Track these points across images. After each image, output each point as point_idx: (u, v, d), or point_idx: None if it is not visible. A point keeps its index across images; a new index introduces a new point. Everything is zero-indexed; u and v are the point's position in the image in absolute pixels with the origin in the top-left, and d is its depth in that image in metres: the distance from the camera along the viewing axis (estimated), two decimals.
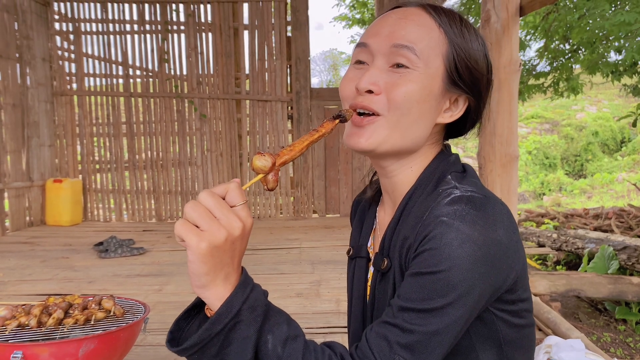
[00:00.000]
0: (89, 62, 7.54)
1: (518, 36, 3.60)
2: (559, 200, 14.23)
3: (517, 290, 0.82)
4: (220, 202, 0.70)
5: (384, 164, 0.92)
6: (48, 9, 7.29)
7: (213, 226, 0.68)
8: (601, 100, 21.60)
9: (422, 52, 0.84)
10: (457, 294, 0.73)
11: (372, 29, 0.89)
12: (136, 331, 1.78)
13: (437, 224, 0.75)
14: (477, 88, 0.89)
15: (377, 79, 0.85)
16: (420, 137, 0.88)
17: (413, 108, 0.84)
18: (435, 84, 0.85)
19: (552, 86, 8.32)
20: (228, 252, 0.70)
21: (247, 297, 0.73)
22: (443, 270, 0.73)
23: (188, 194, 7.58)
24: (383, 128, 0.85)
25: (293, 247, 5.24)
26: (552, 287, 4.06)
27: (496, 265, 0.75)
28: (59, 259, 4.86)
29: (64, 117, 7.49)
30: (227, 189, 0.72)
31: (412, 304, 0.74)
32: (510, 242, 0.78)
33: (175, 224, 0.69)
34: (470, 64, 0.87)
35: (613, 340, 4.11)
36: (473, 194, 0.79)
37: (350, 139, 0.87)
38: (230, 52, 7.45)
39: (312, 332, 2.89)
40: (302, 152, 0.79)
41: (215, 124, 7.52)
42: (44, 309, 1.75)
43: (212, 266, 0.69)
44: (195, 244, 0.67)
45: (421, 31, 0.85)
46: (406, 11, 0.88)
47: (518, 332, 0.85)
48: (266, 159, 0.74)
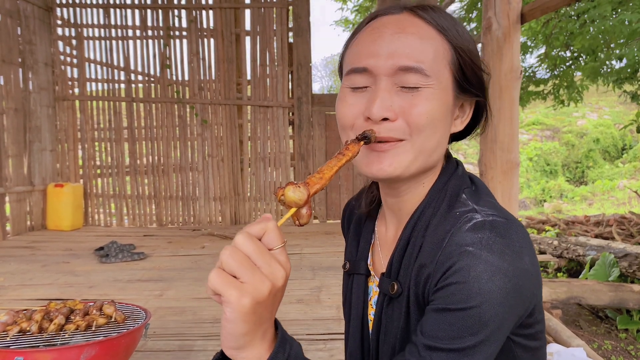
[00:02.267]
0: (91, 67, 7.57)
1: (519, 43, 3.62)
2: (559, 207, 14.22)
3: (535, 313, 0.79)
4: (260, 248, 0.62)
5: (397, 185, 0.85)
6: (51, 14, 7.32)
7: (256, 277, 0.60)
8: (602, 107, 21.62)
9: (431, 69, 0.77)
10: (490, 330, 0.68)
11: (366, 48, 0.79)
12: (137, 337, 1.78)
13: (461, 253, 0.70)
14: (483, 87, 0.84)
15: (389, 103, 0.77)
16: (442, 153, 0.83)
17: (436, 127, 0.78)
18: (449, 96, 0.80)
19: (552, 93, 8.34)
20: (269, 306, 0.63)
21: (287, 356, 0.66)
22: (474, 306, 0.67)
23: (189, 199, 7.58)
24: (408, 152, 0.78)
25: (293, 253, 5.24)
26: (553, 295, 4.06)
27: (523, 295, 0.71)
28: (60, 263, 4.85)
29: (65, 122, 7.51)
30: (264, 228, 0.63)
31: (441, 343, 0.68)
32: (534, 268, 0.73)
33: (210, 275, 0.60)
34: (475, 65, 0.81)
35: (614, 348, 4.10)
36: (495, 218, 0.74)
37: (372, 166, 0.79)
38: (231, 57, 7.47)
39: (313, 338, 2.88)
40: (331, 179, 0.71)
41: (217, 129, 7.54)
42: (45, 315, 1.75)
43: (253, 325, 0.61)
44: (236, 299, 0.58)
45: (424, 45, 0.77)
46: (399, 21, 0.79)
47: (533, 355, 0.81)
48: (302, 191, 0.65)
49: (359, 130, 0.79)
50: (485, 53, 3.69)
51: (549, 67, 8.24)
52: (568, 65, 8.05)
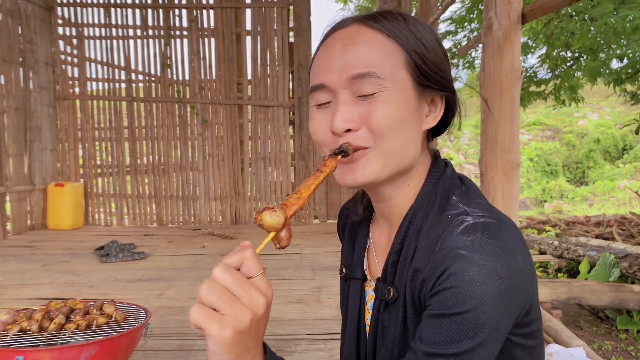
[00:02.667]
0: (92, 66, 7.57)
1: (520, 44, 3.62)
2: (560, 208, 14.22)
3: (532, 312, 0.79)
4: (239, 278, 0.62)
5: (379, 190, 0.86)
6: (52, 13, 7.33)
7: (236, 309, 0.60)
8: (603, 107, 21.61)
9: (383, 71, 0.78)
10: (486, 332, 0.68)
11: (321, 65, 0.82)
12: (137, 336, 1.78)
13: (454, 257, 0.70)
14: (446, 81, 0.84)
15: (350, 114, 0.79)
16: (415, 152, 0.83)
17: (399, 129, 0.79)
18: (408, 94, 0.80)
19: (553, 93, 8.34)
20: (253, 333, 0.63)
21: None
22: (469, 310, 0.68)
23: (189, 199, 7.58)
24: (376, 158, 0.80)
25: (294, 253, 5.24)
26: (554, 295, 4.05)
27: (518, 295, 0.72)
28: (60, 263, 4.86)
29: (66, 121, 7.51)
30: (242, 258, 0.64)
31: (440, 348, 0.69)
32: (528, 268, 0.74)
33: (191, 311, 0.61)
34: (432, 62, 0.82)
35: (614, 349, 4.10)
36: (486, 219, 0.75)
37: (345, 176, 0.81)
38: (232, 57, 7.47)
39: (313, 338, 2.88)
40: (310, 197, 0.72)
41: (217, 129, 7.54)
42: (46, 314, 1.75)
43: (238, 354, 0.62)
44: (217, 332, 0.59)
45: (374, 51, 0.79)
46: (348, 35, 0.81)
47: (531, 353, 0.82)
48: (278, 215, 0.65)
49: (330, 145, 0.81)
50: (486, 53, 3.69)
51: (550, 68, 8.24)
52: (569, 65, 8.05)
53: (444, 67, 0.84)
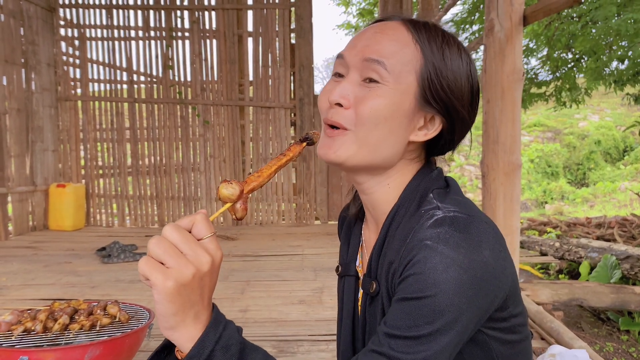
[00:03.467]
0: (94, 67, 7.58)
1: (521, 45, 3.62)
2: (561, 209, 14.22)
3: (508, 307, 0.81)
4: (186, 236, 0.66)
5: (358, 180, 0.90)
6: (54, 14, 7.34)
7: (180, 262, 0.64)
8: (604, 109, 21.61)
9: (392, 68, 0.81)
10: (445, 320, 0.70)
11: (351, 41, 0.88)
12: (141, 337, 1.79)
13: (420, 247, 0.73)
14: (452, 109, 0.85)
15: (347, 92, 0.83)
16: (391, 154, 0.85)
17: (380, 124, 0.82)
18: (405, 100, 0.82)
19: (554, 95, 8.34)
20: (197, 289, 0.66)
21: (219, 336, 0.69)
22: (429, 295, 0.70)
23: (191, 200, 7.59)
24: (351, 142, 0.83)
25: (295, 254, 5.25)
26: (555, 296, 4.05)
27: (483, 288, 0.73)
28: (62, 263, 4.87)
29: (68, 122, 7.52)
30: (193, 221, 0.68)
31: (399, 331, 0.72)
32: (497, 262, 0.75)
33: (139, 262, 0.65)
34: (446, 84, 0.83)
35: (616, 350, 4.10)
36: (456, 214, 0.77)
37: (321, 149, 0.86)
38: (234, 58, 7.48)
39: (315, 339, 2.89)
40: (271, 177, 0.77)
41: (219, 130, 7.55)
42: (50, 314, 1.76)
43: (181, 305, 0.65)
44: (161, 282, 0.63)
45: (394, 46, 0.82)
46: (385, 25, 0.86)
47: (513, 347, 0.83)
48: (234, 187, 0.71)
49: (323, 112, 0.87)
50: (488, 55, 3.70)
51: (551, 69, 8.24)
52: (570, 67, 8.05)
53: (457, 95, 0.85)
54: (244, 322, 3.09)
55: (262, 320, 3.20)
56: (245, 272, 4.43)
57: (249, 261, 4.91)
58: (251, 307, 3.46)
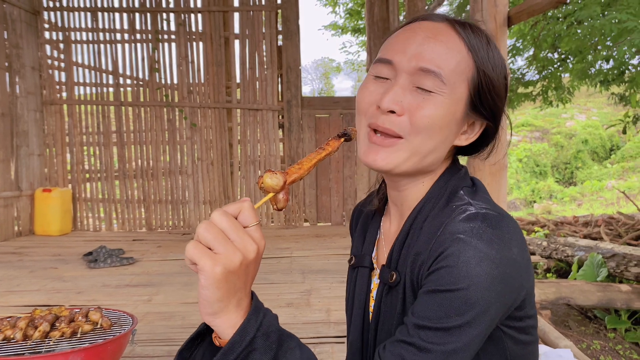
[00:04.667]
0: (79, 71, 7.52)
1: (506, 46, 3.64)
2: (549, 208, 14.32)
3: (525, 307, 0.82)
4: (234, 223, 0.67)
5: (396, 179, 0.91)
6: (38, 17, 7.27)
7: (228, 249, 0.65)
8: (590, 108, 21.82)
9: (448, 78, 0.81)
10: (475, 312, 0.72)
11: (398, 44, 0.85)
12: (124, 343, 1.77)
13: (453, 240, 0.74)
14: (497, 112, 0.88)
15: (401, 98, 0.82)
16: (437, 159, 0.87)
17: (435, 133, 0.82)
18: (458, 108, 0.84)
19: (540, 95, 8.41)
20: (242, 276, 0.68)
21: (260, 323, 0.70)
22: (461, 288, 0.71)
23: (178, 203, 7.55)
24: (402, 151, 0.83)
25: (283, 257, 5.23)
26: (543, 295, 4.08)
27: (510, 284, 0.75)
28: (48, 269, 4.81)
29: (53, 126, 7.45)
30: (240, 208, 0.69)
31: (429, 322, 0.73)
32: (523, 260, 0.77)
33: (187, 246, 0.65)
34: (494, 91, 0.85)
35: (603, 348, 4.13)
36: (488, 211, 0.78)
37: (368, 156, 0.85)
38: (221, 61, 7.45)
39: (303, 342, 2.87)
40: (310, 170, 0.77)
41: (206, 132, 7.51)
42: (30, 322, 1.73)
43: (226, 292, 0.66)
44: (209, 268, 0.64)
45: (449, 55, 0.82)
46: (435, 28, 0.84)
47: (524, 348, 0.85)
48: (278, 178, 0.72)
49: (369, 117, 0.85)
50: None
51: (538, 69, 8.31)
52: (556, 67, 8.12)
53: (501, 100, 0.88)
54: None
55: None
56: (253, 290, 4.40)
57: None
58: None
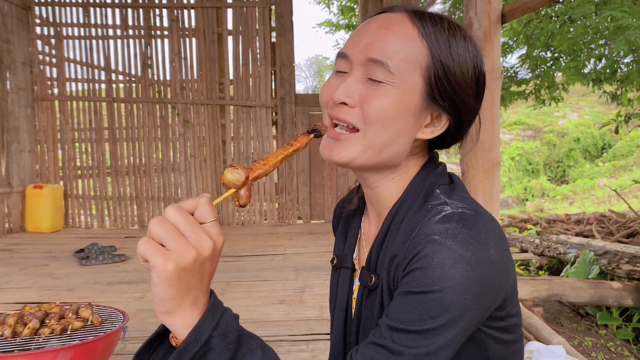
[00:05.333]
0: (71, 66, 7.45)
1: (500, 43, 3.64)
2: (541, 206, 14.39)
3: (507, 306, 0.80)
4: (189, 219, 0.64)
5: (364, 176, 0.89)
6: (29, 12, 7.20)
7: (181, 245, 0.62)
8: (582, 107, 21.93)
9: (397, 68, 0.79)
10: (450, 316, 0.70)
11: (354, 38, 0.85)
12: (114, 340, 1.75)
13: (428, 242, 0.73)
14: (461, 105, 0.84)
15: (352, 90, 0.81)
16: (397, 153, 0.84)
17: (388, 124, 0.80)
18: (412, 99, 0.81)
19: (533, 93, 8.43)
20: (197, 274, 0.65)
21: (217, 322, 0.67)
22: (435, 290, 0.70)
23: (171, 200, 7.50)
24: (358, 144, 0.82)
25: (277, 254, 5.21)
26: (535, 293, 4.09)
27: (488, 286, 0.73)
28: (39, 266, 4.77)
29: (44, 123, 7.38)
30: (196, 204, 0.66)
31: (402, 324, 0.71)
32: (502, 261, 0.75)
33: (139, 243, 0.62)
34: (454, 81, 0.81)
35: (594, 345, 4.15)
36: (464, 210, 0.77)
37: (324, 150, 0.85)
38: (214, 57, 7.42)
39: (295, 339, 2.86)
40: (276, 166, 0.76)
41: (199, 129, 7.47)
42: (19, 319, 1.71)
43: (179, 290, 0.63)
44: (161, 265, 0.61)
45: (400, 44, 0.79)
46: (389, 19, 0.82)
47: (508, 347, 0.83)
48: (239, 173, 0.71)
49: (327, 108, 0.86)
50: None
51: (530, 68, 8.33)
52: (549, 65, 8.14)
53: (464, 91, 0.83)
54: None
55: (242, 321, 3.14)
56: (226, 273, 4.39)
57: (230, 262, 4.87)
58: (231, 307, 3.41)
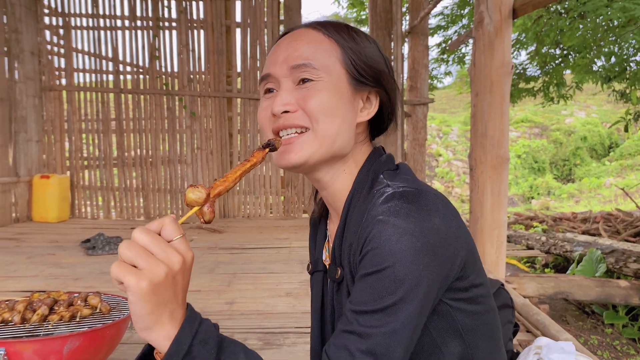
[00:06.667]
0: (79, 57, 7.46)
1: (510, 38, 3.61)
2: (547, 204, 14.34)
3: (469, 276, 0.82)
4: (156, 238, 0.68)
5: (318, 176, 0.93)
6: (38, 2, 7.20)
7: (152, 263, 0.65)
8: (590, 105, 21.80)
9: (319, 63, 0.87)
10: (406, 287, 0.73)
11: (270, 59, 0.93)
12: (123, 328, 1.75)
13: (374, 223, 0.77)
14: (381, 79, 0.92)
15: (288, 98, 0.88)
16: (347, 139, 0.90)
17: (332, 114, 0.87)
18: (342, 86, 0.89)
19: (542, 90, 8.38)
20: (170, 288, 0.68)
21: (196, 331, 0.70)
22: (387, 266, 0.73)
23: (177, 192, 7.52)
24: (312, 140, 0.87)
25: (282, 247, 5.22)
26: (541, 290, 4.07)
27: (438, 254, 0.76)
28: (45, 255, 4.79)
29: (52, 113, 7.40)
30: (161, 224, 0.70)
31: (364, 306, 0.74)
32: (450, 229, 0.78)
33: (112, 267, 0.66)
34: (367, 61, 0.91)
35: (600, 343, 4.14)
36: (405, 189, 0.81)
37: (281, 157, 0.89)
38: (222, 49, 7.41)
39: (301, 331, 2.86)
40: (236, 182, 0.81)
41: (206, 121, 7.47)
42: (28, 305, 1.72)
43: (156, 305, 0.66)
44: (134, 283, 0.64)
45: (312, 46, 0.89)
46: (295, 33, 0.93)
47: (477, 319, 0.85)
48: (200, 191, 0.74)
49: (270, 126, 0.91)
50: (477, 47, 3.69)
51: (539, 65, 8.28)
52: (558, 62, 8.09)
53: (379, 67, 0.92)
54: (230, 314, 3.06)
55: (249, 312, 3.17)
56: (232, 265, 4.40)
57: (236, 254, 4.88)
58: (238, 299, 3.43)
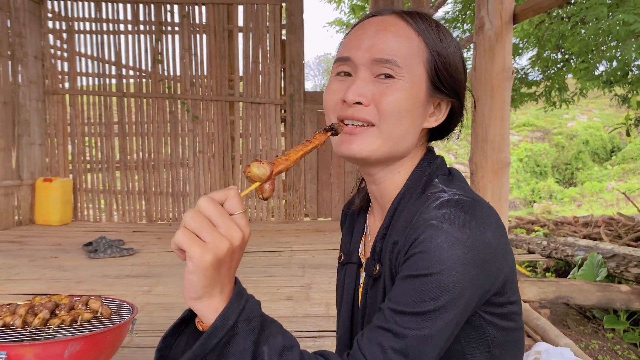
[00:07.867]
0: (82, 61, 7.50)
1: (511, 43, 3.62)
2: (549, 208, 14.31)
3: (506, 292, 0.82)
4: (220, 210, 0.67)
5: (373, 171, 0.92)
6: (41, 6, 7.25)
7: (215, 237, 0.66)
8: (592, 109, 21.78)
9: (404, 62, 0.85)
10: (449, 296, 0.72)
11: (352, 41, 0.89)
12: (123, 332, 1.77)
13: (426, 227, 0.76)
14: (458, 89, 0.91)
15: (364, 90, 0.85)
16: (410, 143, 0.89)
17: (403, 116, 0.85)
18: (420, 90, 0.86)
19: (544, 95, 8.37)
20: (227, 263, 0.68)
21: (243, 308, 0.70)
22: (434, 272, 0.73)
23: (179, 196, 7.54)
24: (376, 137, 0.86)
25: (284, 250, 5.23)
26: (542, 294, 4.07)
27: (485, 268, 0.76)
28: (48, 258, 4.81)
29: (55, 116, 7.44)
30: (226, 195, 0.69)
31: (404, 307, 0.74)
32: (499, 245, 0.78)
33: (176, 234, 0.65)
34: (450, 68, 0.89)
35: (601, 348, 4.13)
36: (461, 197, 0.80)
37: (342, 145, 0.87)
38: (224, 54, 7.44)
39: (302, 335, 2.87)
40: (297, 162, 0.78)
41: (208, 125, 7.50)
42: (30, 309, 1.73)
43: (212, 278, 0.67)
44: (199, 256, 0.64)
45: (401, 41, 0.86)
46: (384, 21, 0.88)
47: (507, 335, 0.85)
48: (265, 167, 0.73)
49: (337, 111, 0.88)
50: (478, 52, 3.70)
51: (541, 69, 8.27)
52: (559, 67, 8.09)
53: (460, 77, 0.91)
54: None
55: None
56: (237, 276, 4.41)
57: None
58: None
